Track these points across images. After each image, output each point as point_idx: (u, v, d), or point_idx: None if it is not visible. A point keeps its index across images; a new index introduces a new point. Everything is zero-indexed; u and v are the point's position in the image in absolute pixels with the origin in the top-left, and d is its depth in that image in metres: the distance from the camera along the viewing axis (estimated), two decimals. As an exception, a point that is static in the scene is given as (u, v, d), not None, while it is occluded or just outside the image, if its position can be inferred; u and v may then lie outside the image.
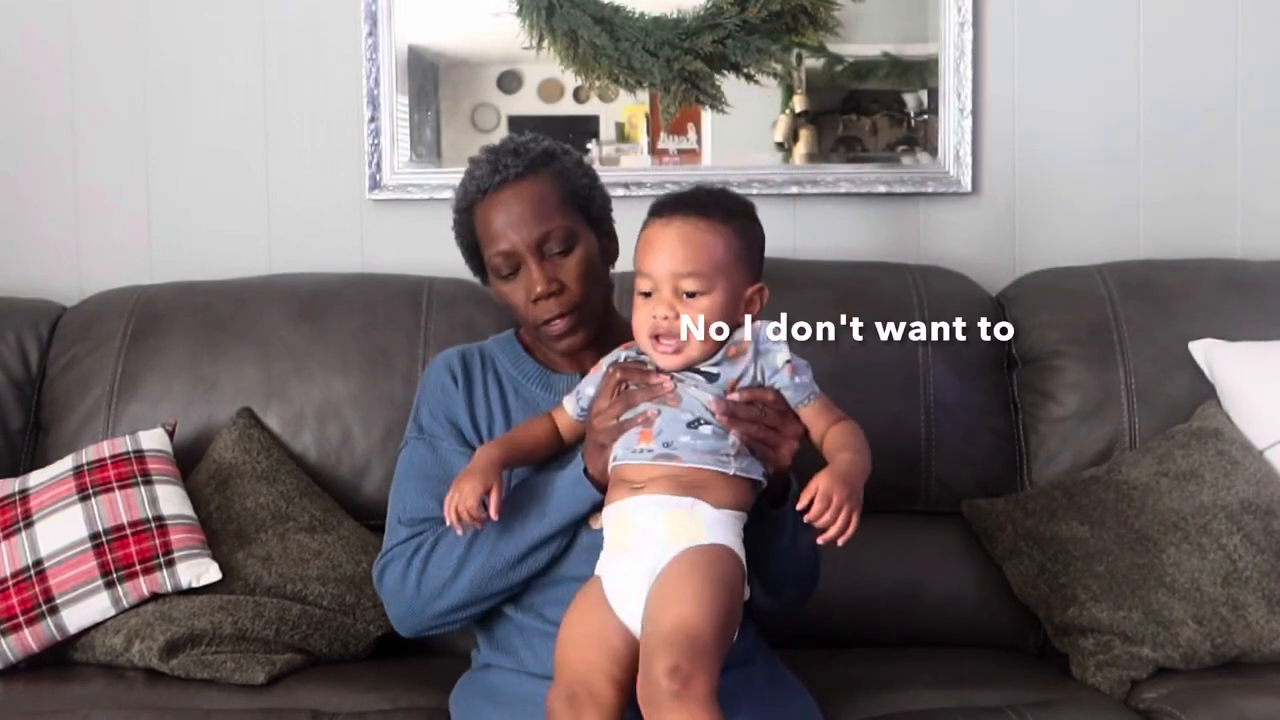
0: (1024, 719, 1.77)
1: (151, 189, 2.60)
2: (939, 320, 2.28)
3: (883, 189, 2.58)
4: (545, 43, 2.53)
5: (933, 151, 2.59)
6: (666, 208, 1.62)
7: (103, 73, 2.58)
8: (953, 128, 2.57)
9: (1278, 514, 2.06)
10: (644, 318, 1.60)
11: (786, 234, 2.57)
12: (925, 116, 2.59)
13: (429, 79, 2.58)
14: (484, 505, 1.58)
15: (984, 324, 2.30)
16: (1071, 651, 2.00)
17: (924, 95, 2.59)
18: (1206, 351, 2.22)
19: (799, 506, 1.50)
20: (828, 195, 2.59)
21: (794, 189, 2.58)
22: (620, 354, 1.67)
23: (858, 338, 2.24)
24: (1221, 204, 2.60)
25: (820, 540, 1.50)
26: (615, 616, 1.51)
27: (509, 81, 2.59)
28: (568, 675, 1.49)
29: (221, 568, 2.05)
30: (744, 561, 1.54)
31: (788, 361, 1.62)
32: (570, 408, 1.69)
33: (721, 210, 1.62)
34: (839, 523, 1.49)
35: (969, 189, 2.58)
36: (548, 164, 1.76)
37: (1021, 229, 2.60)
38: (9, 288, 2.50)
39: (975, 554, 2.20)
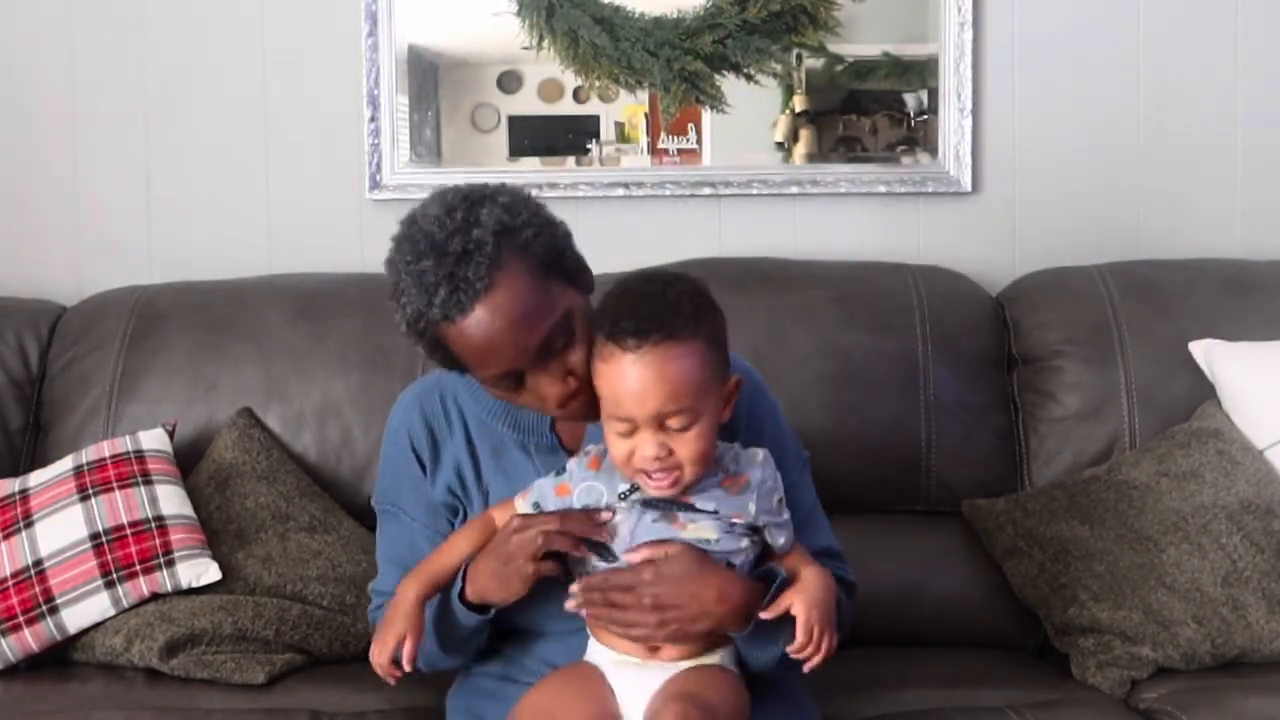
0: (1024, 719, 1.77)
1: (151, 189, 2.60)
2: (939, 320, 2.29)
3: (883, 189, 2.58)
4: (545, 43, 2.53)
5: (933, 151, 2.59)
6: (628, 334, 1.43)
7: (103, 73, 2.58)
8: (953, 128, 2.57)
9: (1278, 514, 2.06)
10: (625, 454, 1.46)
11: (786, 234, 2.57)
12: (925, 116, 2.59)
13: (429, 79, 2.58)
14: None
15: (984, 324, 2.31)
16: (1071, 651, 2.00)
17: (924, 95, 2.59)
18: (1206, 351, 2.22)
19: (764, 616, 1.46)
20: (828, 195, 2.59)
21: (794, 189, 2.58)
22: (588, 483, 1.52)
23: (858, 337, 2.25)
24: (1221, 204, 2.60)
25: (804, 664, 1.48)
26: (617, 705, 1.49)
27: (509, 81, 2.59)
28: None
29: (221, 568, 2.05)
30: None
31: (780, 500, 1.54)
32: (525, 510, 1.55)
33: (686, 320, 1.45)
34: (821, 653, 1.47)
35: (969, 189, 2.58)
36: (507, 246, 1.45)
37: (1021, 229, 2.60)
38: (9, 288, 2.50)
39: (975, 554, 2.20)
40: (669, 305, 1.46)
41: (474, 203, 1.48)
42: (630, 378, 1.43)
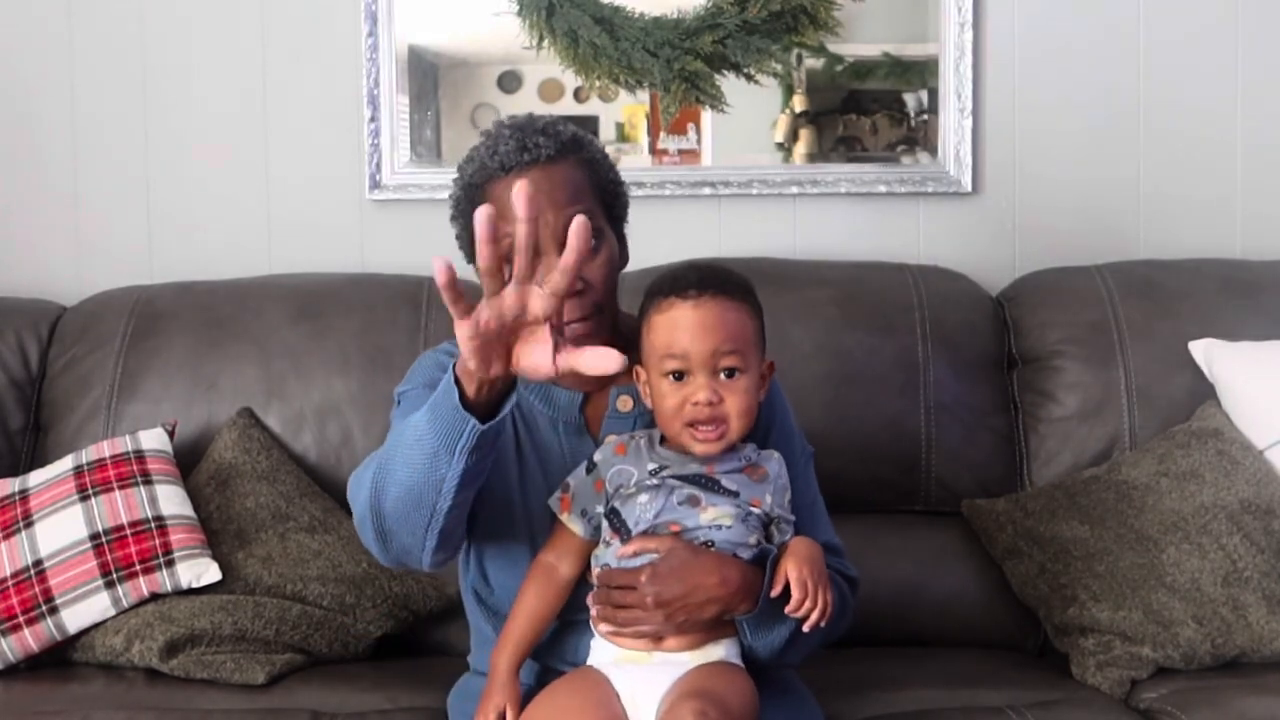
0: (1024, 719, 1.77)
1: (151, 189, 2.60)
2: (939, 320, 2.29)
3: (883, 189, 2.58)
4: (545, 43, 2.53)
5: (933, 151, 2.59)
6: (690, 286, 1.53)
7: (103, 73, 2.58)
8: (953, 128, 2.57)
9: (1278, 514, 2.06)
10: (677, 404, 1.51)
11: (786, 234, 2.57)
12: (925, 116, 2.59)
13: (429, 79, 2.58)
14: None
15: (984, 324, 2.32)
16: (1071, 651, 2.00)
17: (924, 95, 2.59)
18: (1206, 351, 2.22)
19: (773, 594, 1.49)
20: (828, 195, 2.59)
21: (794, 189, 2.58)
22: (617, 467, 1.53)
23: (858, 337, 2.25)
24: (1221, 204, 2.60)
25: (806, 626, 1.49)
26: (624, 709, 1.49)
27: (509, 81, 2.59)
28: None
29: (221, 568, 2.05)
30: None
31: (789, 500, 1.58)
32: (578, 527, 1.55)
33: (740, 289, 1.56)
34: (819, 608, 1.48)
35: (969, 189, 2.58)
36: (578, 150, 1.62)
37: (1021, 229, 2.60)
38: (9, 288, 2.51)
39: (975, 554, 2.20)
40: (727, 274, 1.56)
41: (563, 119, 1.64)
42: (690, 319, 1.51)
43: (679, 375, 1.51)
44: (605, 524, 1.54)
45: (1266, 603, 1.97)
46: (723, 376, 1.51)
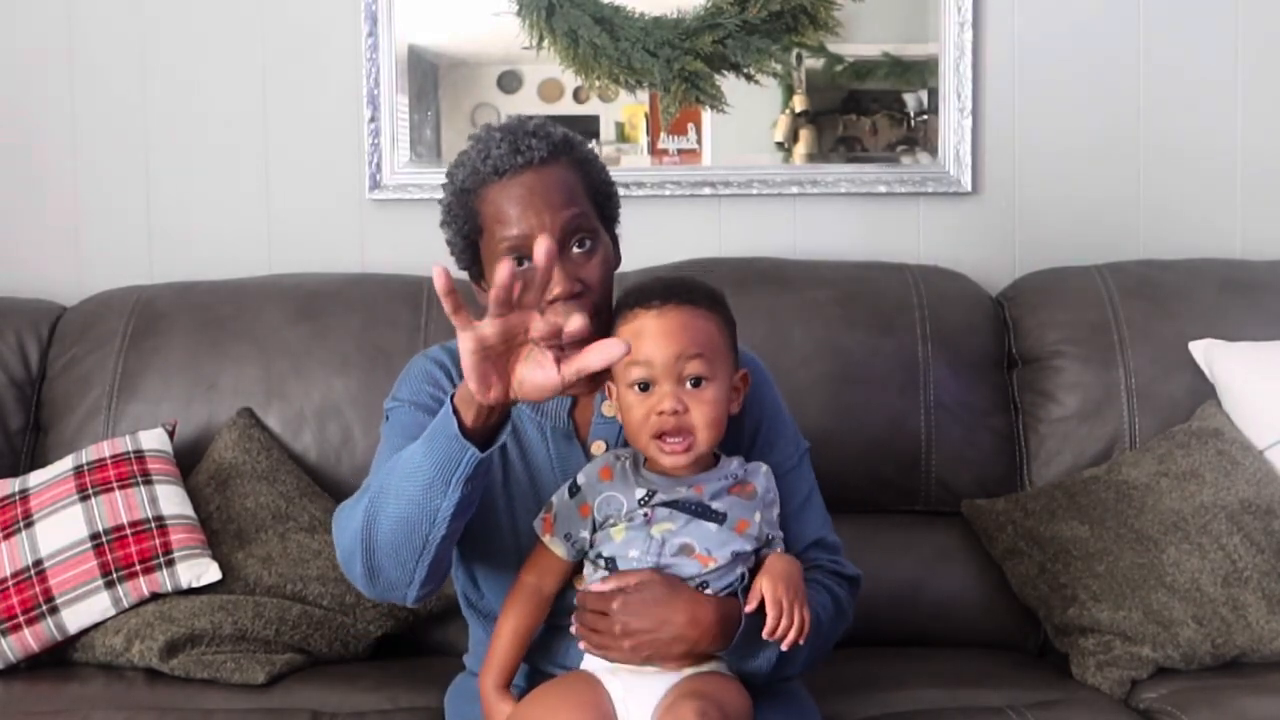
0: (1024, 719, 1.77)
1: (151, 189, 2.60)
2: (939, 320, 2.29)
3: (883, 189, 2.58)
4: (545, 43, 2.53)
5: (933, 151, 2.59)
6: (654, 296, 1.52)
7: (103, 73, 2.58)
8: (953, 128, 2.57)
9: (1278, 514, 2.06)
10: (643, 415, 1.49)
11: (786, 234, 2.57)
12: (925, 116, 2.59)
13: (429, 79, 2.58)
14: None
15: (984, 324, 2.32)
16: (1071, 651, 2.00)
17: (924, 95, 2.59)
18: (1206, 351, 2.22)
19: (748, 610, 1.47)
20: (828, 195, 2.59)
21: (794, 189, 2.58)
22: (606, 494, 1.51)
23: (858, 337, 2.25)
24: (1221, 204, 2.60)
25: (783, 646, 1.47)
26: (615, 713, 1.48)
27: (509, 81, 2.59)
28: None
29: (221, 568, 2.05)
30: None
31: (777, 514, 1.57)
32: (560, 550, 1.53)
33: (707, 298, 1.54)
34: (795, 626, 1.46)
35: (969, 189, 2.58)
36: (570, 151, 1.61)
37: (1021, 229, 2.60)
38: (9, 288, 2.51)
39: (975, 554, 2.20)
40: (693, 284, 1.55)
41: (552, 120, 1.64)
42: (653, 328, 1.50)
43: (645, 386, 1.49)
44: (602, 564, 1.52)
45: (1266, 603, 1.97)
46: (689, 385, 1.49)
